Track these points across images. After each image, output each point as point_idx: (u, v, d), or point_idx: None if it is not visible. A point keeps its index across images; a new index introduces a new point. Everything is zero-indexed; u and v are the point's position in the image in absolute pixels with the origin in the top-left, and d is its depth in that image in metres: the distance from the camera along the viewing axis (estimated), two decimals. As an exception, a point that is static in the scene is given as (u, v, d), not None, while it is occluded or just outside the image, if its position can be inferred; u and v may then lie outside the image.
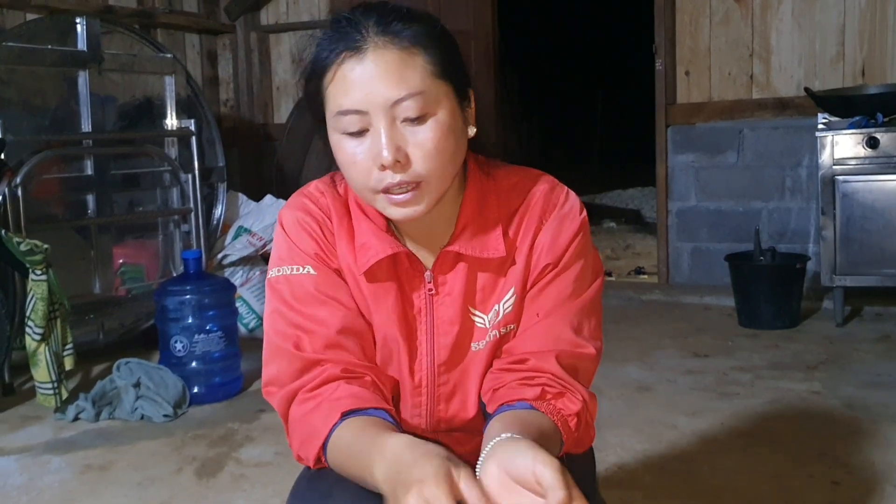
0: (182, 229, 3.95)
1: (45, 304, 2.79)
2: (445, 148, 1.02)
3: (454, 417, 1.18)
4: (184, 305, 3.05)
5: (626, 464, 2.29)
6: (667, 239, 4.50)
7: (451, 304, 1.13)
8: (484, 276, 1.13)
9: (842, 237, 3.59)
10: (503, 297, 1.13)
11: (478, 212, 1.11)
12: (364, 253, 1.10)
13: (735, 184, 4.33)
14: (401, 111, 0.99)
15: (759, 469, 2.24)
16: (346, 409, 1.01)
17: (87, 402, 2.86)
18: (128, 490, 2.29)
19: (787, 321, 3.68)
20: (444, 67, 1.02)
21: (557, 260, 1.12)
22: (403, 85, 0.98)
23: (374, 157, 1.00)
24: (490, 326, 1.14)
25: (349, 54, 0.99)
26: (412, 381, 1.15)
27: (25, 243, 2.79)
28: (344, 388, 1.04)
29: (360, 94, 0.99)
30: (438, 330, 1.13)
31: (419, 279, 1.13)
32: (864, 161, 3.54)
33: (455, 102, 1.04)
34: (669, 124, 4.43)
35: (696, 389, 2.92)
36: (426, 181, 1.01)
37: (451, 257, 1.12)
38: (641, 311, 4.14)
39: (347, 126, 1.00)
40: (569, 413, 1.06)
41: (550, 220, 1.12)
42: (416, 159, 1.00)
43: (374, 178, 1.01)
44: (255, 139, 5.21)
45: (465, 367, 1.15)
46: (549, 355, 1.08)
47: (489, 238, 1.11)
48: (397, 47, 0.99)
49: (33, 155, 3.29)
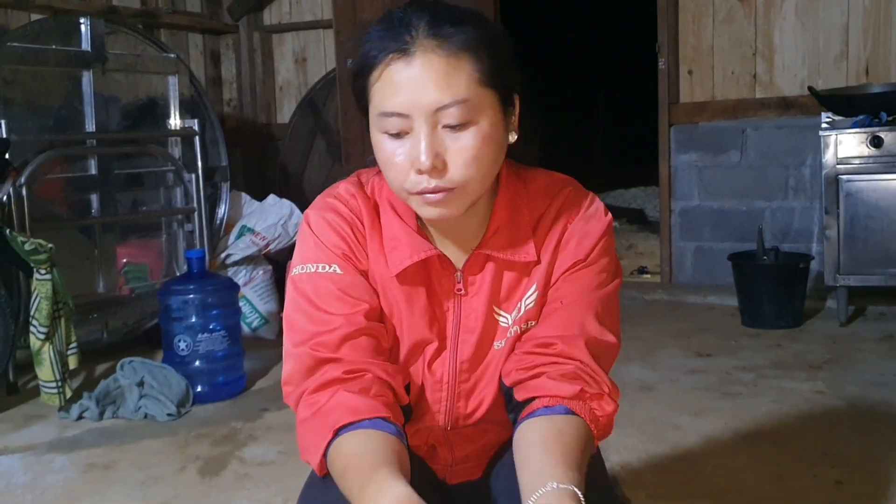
0: (185, 229, 3.96)
1: (50, 303, 2.79)
2: (484, 156, 1.02)
3: (472, 414, 1.18)
4: (187, 305, 3.05)
5: (628, 463, 2.29)
6: (670, 238, 4.50)
7: (478, 303, 1.14)
8: (510, 276, 1.14)
9: (845, 236, 3.58)
10: (526, 294, 1.14)
11: (510, 215, 1.12)
12: (396, 254, 1.10)
13: (738, 183, 4.32)
14: (443, 117, 0.99)
15: (763, 469, 2.24)
16: (339, 426, 1.00)
17: (90, 400, 2.87)
18: (131, 489, 2.30)
19: (790, 321, 3.68)
20: (492, 75, 1.01)
21: (585, 256, 1.13)
22: (448, 92, 0.98)
23: (413, 160, 1.00)
24: (512, 324, 1.15)
25: (397, 56, 0.99)
26: (434, 377, 1.16)
27: (30, 243, 2.80)
28: (339, 397, 1.03)
29: (404, 98, 0.98)
30: (464, 328, 1.14)
31: (450, 280, 1.13)
32: (868, 160, 3.53)
33: (499, 110, 1.04)
34: (672, 123, 4.42)
35: (699, 389, 2.92)
36: (461, 187, 1.02)
37: (481, 258, 1.13)
38: (644, 311, 4.14)
39: (389, 127, 1.01)
40: (603, 414, 1.07)
41: (576, 222, 1.14)
42: (453, 166, 1.01)
43: (411, 180, 1.01)
44: (258, 139, 5.22)
45: (486, 364, 1.16)
46: (578, 340, 1.09)
47: (521, 241, 1.12)
48: (446, 52, 0.98)
49: (37, 155, 3.30)
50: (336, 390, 1.04)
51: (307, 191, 4.79)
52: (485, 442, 1.24)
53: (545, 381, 1.07)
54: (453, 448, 1.23)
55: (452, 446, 1.23)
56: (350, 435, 1.00)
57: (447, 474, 1.27)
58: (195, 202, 3.89)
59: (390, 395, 1.06)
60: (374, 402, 1.03)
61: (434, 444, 1.23)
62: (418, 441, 1.22)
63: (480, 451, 1.25)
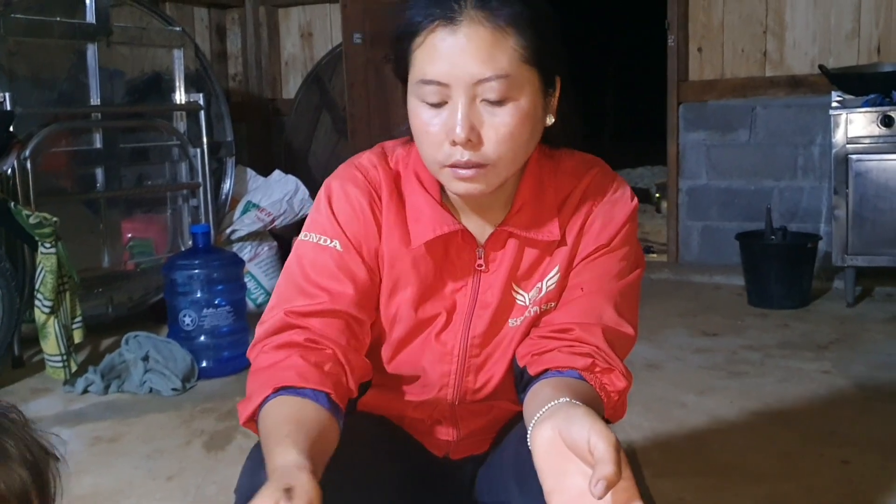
0: (191, 204, 3.94)
1: (55, 277, 2.79)
2: (520, 134, 1.01)
3: (480, 389, 1.17)
4: (192, 280, 3.04)
5: (634, 441, 2.28)
6: (677, 217, 4.48)
7: (497, 280, 1.13)
8: (531, 254, 1.13)
9: (854, 217, 3.55)
10: (547, 275, 1.13)
11: (536, 193, 1.11)
12: (419, 226, 1.09)
13: (746, 162, 4.29)
14: (482, 90, 0.97)
15: (769, 447, 2.24)
16: (282, 385, 0.99)
17: (96, 374, 2.87)
18: (137, 462, 2.30)
19: (797, 301, 3.66)
20: (536, 52, 0.99)
21: (608, 242, 1.12)
22: (491, 65, 0.96)
23: (448, 131, 0.99)
24: (530, 303, 1.13)
25: (443, 23, 0.97)
26: (444, 349, 1.15)
27: (35, 216, 2.79)
28: (293, 360, 1.02)
29: (446, 67, 0.97)
30: (480, 303, 1.13)
31: (471, 255, 1.12)
32: (879, 140, 3.50)
33: (539, 90, 1.02)
34: (681, 101, 4.39)
35: (706, 368, 2.91)
36: (493, 164, 1.01)
37: (503, 235, 1.12)
38: (650, 290, 4.12)
39: (427, 95, 0.99)
40: (613, 389, 1.06)
41: (602, 205, 1.13)
42: (488, 141, 0.99)
43: (444, 151, 1.00)
44: (263, 114, 5.19)
45: (498, 341, 1.15)
46: (595, 328, 1.08)
47: (545, 220, 1.11)
48: (492, 24, 0.96)
49: (42, 128, 3.29)
50: (292, 353, 1.03)
51: (312, 166, 4.77)
52: (491, 418, 1.23)
53: (557, 354, 1.07)
54: (459, 423, 1.22)
55: (458, 421, 1.22)
56: (287, 398, 0.98)
57: (451, 449, 1.26)
58: (200, 177, 3.87)
59: (343, 378, 1.05)
60: (325, 377, 1.01)
61: (439, 418, 1.22)
62: (422, 415, 1.22)
63: (486, 426, 1.24)
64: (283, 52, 5.20)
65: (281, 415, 0.96)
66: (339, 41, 4.68)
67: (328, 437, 0.97)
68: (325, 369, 1.02)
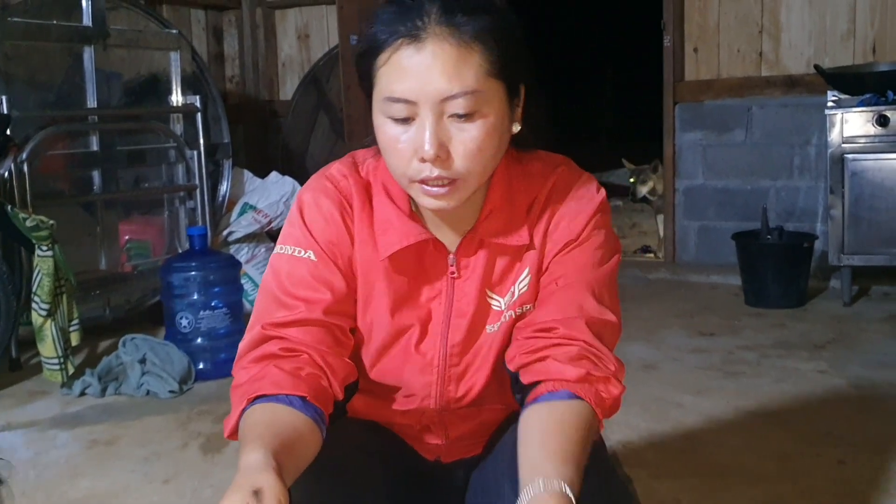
0: (188, 206, 3.95)
1: (52, 279, 2.79)
2: (488, 148, 1.01)
3: (463, 397, 1.18)
4: (189, 282, 3.05)
5: (630, 441, 2.29)
6: (673, 217, 4.48)
7: (471, 286, 1.13)
8: (503, 260, 1.13)
9: (850, 216, 3.56)
10: (519, 278, 1.13)
11: (504, 198, 1.11)
12: (386, 238, 1.10)
13: (743, 162, 4.30)
14: (450, 107, 0.97)
15: (765, 448, 2.24)
16: (257, 395, 1.01)
17: (93, 377, 2.87)
18: (133, 465, 2.30)
19: (793, 300, 3.67)
20: (501, 66, 0.99)
21: (577, 236, 1.12)
22: (457, 81, 0.96)
23: (416, 148, 0.99)
24: (505, 308, 1.14)
25: (407, 41, 0.97)
26: (424, 360, 1.15)
27: (31, 219, 2.79)
28: (268, 370, 1.03)
29: (413, 84, 0.97)
30: (456, 311, 1.13)
31: (443, 263, 1.13)
32: (874, 139, 3.50)
33: (505, 102, 1.02)
34: (677, 102, 4.39)
35: (702, 368, 2.91)
36: (463, 179, 1.01)
37: (475, 242, 1.12)
38: (647, 290, 4.13)
39: (394, 112, 0.99)
40: (609, 397, 1.06)
41: (567, 203, 1.13)
42: (457, 156, 1.00)
43: (413, 167, 1.00)
44: (260, 116, 5.19)
45: (477, 348, 1.15)
46: (578, 321, 1.07)
47: (514, 225, 1.11)
48: (457, 41, 0.96)
49: (39, 131, 3.29)
50: (269, 364, 1.04)
51: (310, 168, 4.77)
52: (479, 422, 1.23)
53: (550, 363, 1.06)
54: (447, 428, 1.23)
55: (447, 426, 1.22)
56: (261, 406, 1.00)
57: (442, 453, 1.26)
58: (197, 179, 3.88)
59: (323, 382, 1.05)
60: (300, 381, 1.02)
61: (427, 424, 1.22)
62: (410, 421, 1.22)
63: (476, 430, 1.25)
64: (280, 53, 5.20)
65: (253, 419, 0.98)
66: (335, 43, 4.69)
67: (303, 438, 0.98)
68: (301, 375, 1.03)
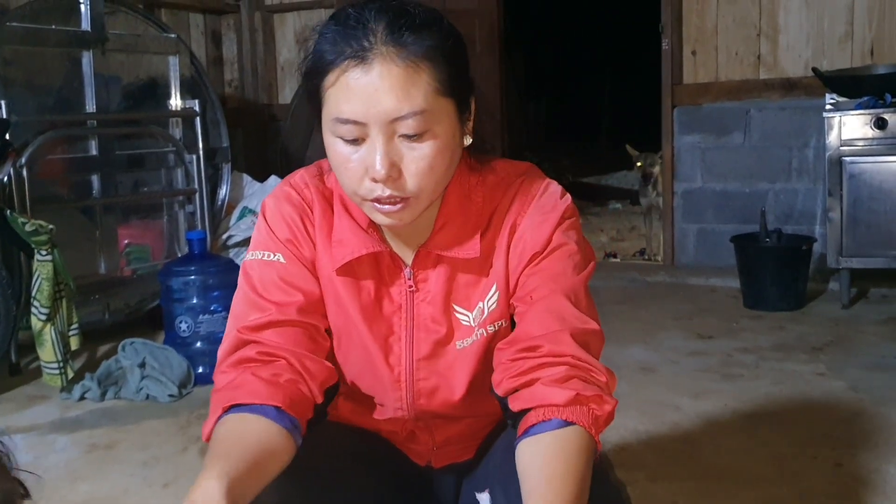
0: (187, 210, 3.95)
1: (51, 284, 2.80)
2: (440, 165, 1.01)
3: (436, 411, 1.18)
4: (188, 286, 3.05)
5: (628, 444, 2.29)
6: (672, 220, 4.49)
7: (432, 300, 1.12)
8: (466, 275, 1.13)
9: (848, 218, 3.56)
10: (486, 295, 1.12)
11: (458, 212, 1.10)
12: (340, 250, 1.10)
13: (741, 165, 4.30)
14: (400, 127, 0.97)
15: (763, 450, 2.24)
16: (231, 404, 1.01)
17: (92, 381, 2.87)
18: (133, 469, 2.30)
19: (792, 303, 3.67)
20: (450, 83, 0.99)
21: (543, 247, 1.10)
22: (406, 102, 0.96)
23: (367, 167, 0.99)
24: (476, 324, 1.13)
25: (354, 62, 0.96)
26: (391, 374, 1.15)
27: (31, 223, 2.79)
28: (245, 377, 1.02)
29: (362, 106, 0.96)
30: (418, 325, 1.13)
31: (399, 276, 1.12)
32: (872, 142, 3.51)
33: (455, 119, 1.02)
34: (676, 105, 4.40)
35: (700, 371, 2.92)
36: (415, 197, 1.01)
37: (430, 257, 1.12)
38: (646, 293, 4.14)
39: (344, 133, 0.99)
40: (602, 414, 1.02)
41: (529, 213, 1.11)
42: (408, 175, 0.99)
43: (365, 186, 1.00)
44: (259, 120, 5.20)
45: (448, 364, 1.14)
46: (563, 334, 1.04)
47: (465, 238, 1.10)
48: (405, 61, 0.95)
49: (38, 135, 3.29)
50: (246, 369, 1.04)
51: (309, 172, 4.77)
52: (464, 426, 1.23)
53: (537, 389, 1.01)
54: (433, 433, 1.22)
55: (432, 431, 1.22)
56: (233, 416, 1.00)
57: (432, 458, 1.26)
58: (196, 183, 3.88)
59: (302, 388, 1.04)
60: (277, 389, 1.01)
61: (412, 429, 1.22)
62: (395, 427, 1.22)
63: (464, 434, 1.24)
64: (279, 57, 5.21)
65: (224, 432, 0.98)
66: (334, 46, 4.69)
67: (273, 453, 0.97)
68: (280, 381, 1.02)
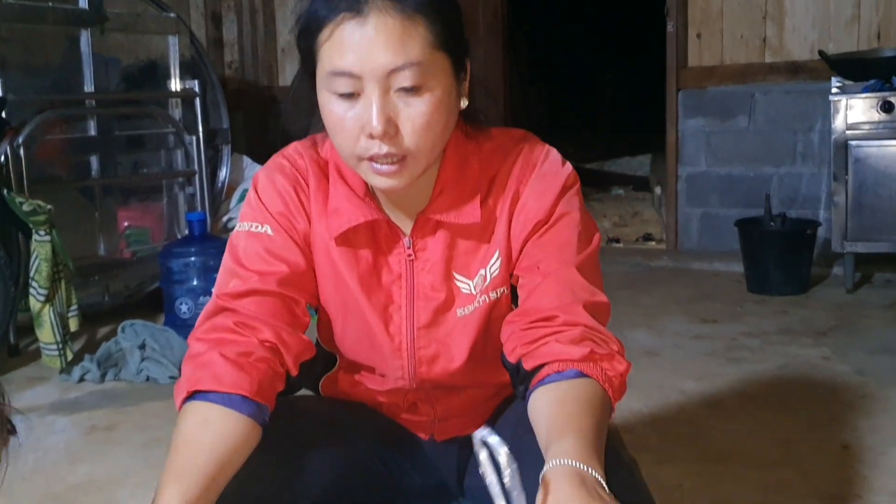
0: (187, 192, 3.93)
1: (49, 265, 2.77)
2: (437, 123, 0.99)
3: (438, 380, 1.17)
4: (188, 268, 3.03)
5: (633, 427, 2.27)
6: (676, 204, 4.46)
7: (431, 269, 1.11)
8: (466, 242, 1.11)
9: (853, 203, 3.54)
10: (488, 262, 1.11)
11: (456, 177, 1.09)
12: (337, 219, 1.09)
13: (746, 149, 4.27)
14: (396, 80, 0.96)
15: (768, 433, 2.22)
16: (195, 390, 1.00)
17: (92, 363, 2.85)
18: (133, 450, 2.29)
19: (796, 287, 3.65)
20: (446, 38, 0.98)
21: (548, 216, 1.09)
22: (402, 54, 0.95)
23: (364, 124, 0.97)
24: (477, 292, 1.12)
25: (349, 15, 0.95)
26: (392, 343, 1.14)
27: (28, 203, 2.77)
28: (212, 356, 1.01)
29: (357, 58, 0.95)
30: (419, 294, 1.12)
31: (398, 245, 1.11)
32: (878, 126, 3.48)
33: (452, 76, 1.01)
34: (680, 88, 4.36)
35: (704, 355, 2.90)
36: (413, 155, 0.99)
37: (430, 224, 1.10)
38: (649, 278, 4.11)
39: (339, 87, 0.97)
40: (615, 374, 1.04)
41: (532, 181, 1.10)
42: (405, 132, 0.98)
43: (361, 145, 0.99)
44: (259, 102, 5.17)
45: (448, 331, 1.13)
46: (576, 306, 1.05)
47: (465, 203, 1.09)
48: (400, 13, 0.95)
49: (36, 115, 3.26)
50: (218, 341, 1.02)
51: (309, 155, 4.74)
52: (466, 397, 1.22)
53: (553, 345, 1.03)
54: (434, 405, 1.22)
55: (433, 403, 1.21)
56: (198, 405, 0.99)
57: (434, 431, 1.25)
58: (196, 165, 3.85)
59: (274, 363, 1.03)
60: (244, 373, 0.99)
61: (413, 401, 1.21)
62: (395, 399, 1.21)
63: (466, 407, 1.23)
64: (280, 38, 5.17)
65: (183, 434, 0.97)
66: (335, 28, 4.65)
67: (235, 445, 0.97)
68: (249, 362, 1.01)
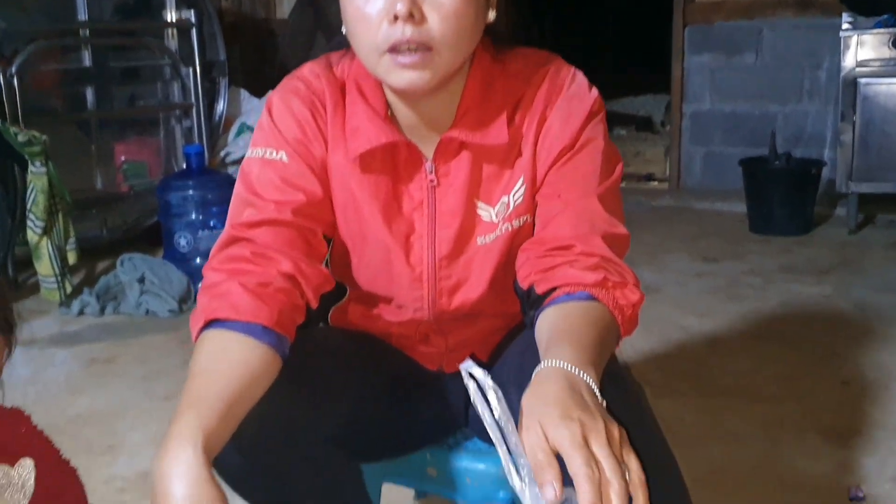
0: (184, 125, 3.87)
1: (46, 197, 2.74)
2: (465, 15, 0.94)
3: (457, 309, 1.14)
4: (187, 201, 3.00)
5: (634, 363, 2.27)
6: (679, 142, 4.41)
7: (454, 195, 1.07)
8: (490, 167, 1.07)
9: (860, 142, 3.49)
10: (512, 188, 1.07)
11: (481, 97, 1.05)
12: (356, 139, 1.03)
13: (752, 86, 4.20)
14: None
15: (769, 369, 2.23)
16: (212, 318, 0.95)
17: (91, 296, 2.84)
18: (133, 383, 2.29)
19: (799, 227, 3.62)
20: None
21: (573, 142, 1.05)
22: None
23: (388, 8, 0.92)
24: (499, 220, 1.08)
25: None
26: (412, 273, 1.10)
27: (23, 134, 2.72)
28: (230, 285, 0.96)
29: None
30: (441, 222, 1.08)
31: (419, 170, 1.06)
32: (889, 63, 3.41)
33: None
34: (687, 23, 4.27)
35: (706, 292, 2.89)
36: (437, 47, 0.94)
37: (453, 146, 1.05)
38: (651, 216, 4.08)
39: None
40: (626, 303, 1.01)
41: (558, 104, 1.05)
42: (432, 19, 0.93)
43: (383, 32, 0.93)
44: (257, 35, 5.05)
45: (468, 260, 1.10)
46: (594, 237, 1.02)
47: (492, 124, 1.04)
48: None
49: (28, 44, 3.19)
50: (235, 272, 0.98)
51: (308, 90, 4.67)
52: (479, 328, 1.20)
53: (566, 269, 1.01)
54: (446, 336, 1.19)
55: (445, 334, 1.19)
56: (216, 333, 0.94)
57: (444, 362, 1.23)
58: (193, 97, 3.79)
59: (293, 294, 0.99)
60: (263, 304, 0.95)
61: (426, 332, 1.19)
62: (407, 331, 1.19)
63: (477, 337, 1.21)
64: (277, -30, 5.04)
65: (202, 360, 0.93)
66: (334, -42, 4.54)
67: (255, 374, 0.92)
68: (267, 292, 0.96)
